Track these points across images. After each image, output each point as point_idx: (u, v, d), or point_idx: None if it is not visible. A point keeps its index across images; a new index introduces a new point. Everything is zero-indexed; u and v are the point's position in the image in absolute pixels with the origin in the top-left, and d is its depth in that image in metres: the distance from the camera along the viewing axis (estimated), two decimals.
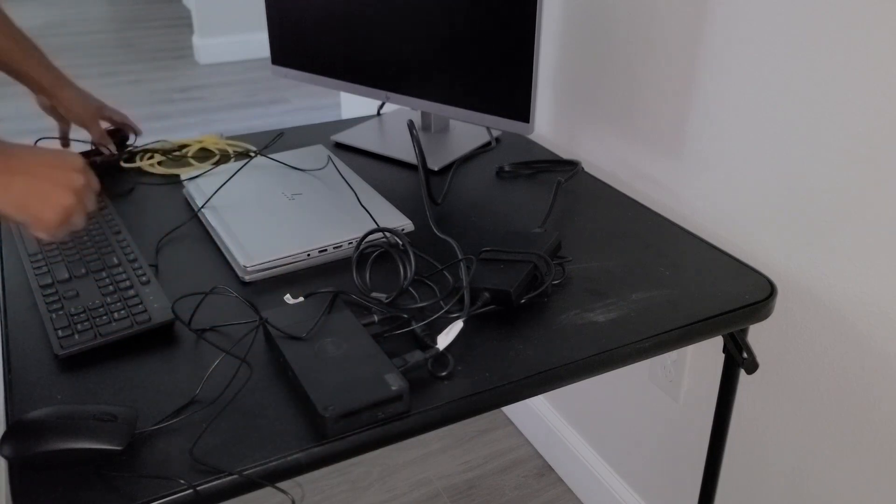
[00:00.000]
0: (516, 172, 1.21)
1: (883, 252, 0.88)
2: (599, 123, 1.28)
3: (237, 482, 0.63)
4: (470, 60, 1.14)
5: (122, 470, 0.63)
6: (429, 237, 0.99)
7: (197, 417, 0.68)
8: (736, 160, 1.04)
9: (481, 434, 1.76)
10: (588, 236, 1.01)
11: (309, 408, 0.68)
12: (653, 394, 1.30)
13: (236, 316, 0.83)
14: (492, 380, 0.74)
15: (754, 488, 1.14)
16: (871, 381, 0.92)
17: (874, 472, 0.95)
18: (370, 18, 1.22)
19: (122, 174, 1.18)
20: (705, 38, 1.04)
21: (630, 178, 1.24)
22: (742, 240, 1.05)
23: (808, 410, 1.02)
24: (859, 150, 0.88)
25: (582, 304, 0.86)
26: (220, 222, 0.98)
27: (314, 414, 0.67)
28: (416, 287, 0.88)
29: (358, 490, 1.60)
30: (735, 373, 0.98)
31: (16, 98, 3.76)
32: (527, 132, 1.12)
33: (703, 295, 0.89)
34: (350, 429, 0.67)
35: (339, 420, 0.66)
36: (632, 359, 0.81)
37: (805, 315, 0.99)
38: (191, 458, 0.64)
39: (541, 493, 1.60)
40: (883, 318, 0.89)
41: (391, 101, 1.26)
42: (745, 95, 1.00)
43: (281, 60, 1.37)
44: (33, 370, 0.74)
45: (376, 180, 1.17)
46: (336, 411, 0.65)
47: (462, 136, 1.33)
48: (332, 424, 0.66)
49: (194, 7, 4.39)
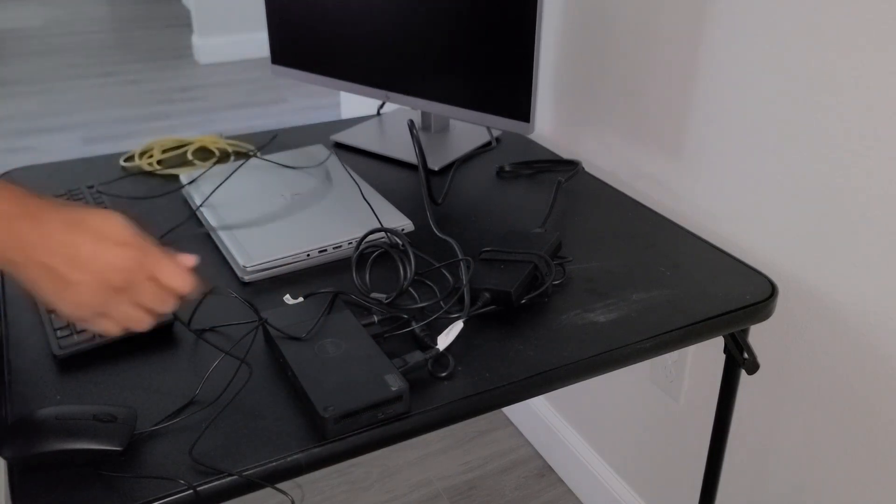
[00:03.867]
0: (516, 172, 1.20)
1: (884, 252, 0.87)
2: (600, 123, 1.28)
3: (237, 483, 0.63)
4: (470, 60, 1.14)
5: (122, 470, 0.63)
6: (429, 237, 0.99)
7: (196, 418, 0.68)
8: (737, 160, 1.04)
9: (481, 435, 1.75)
10: (588, 236, 1.01)
11: (309, 408, 0.68)
12: (653, 394, 1.30)
13: (236, 316, 0.82)
14: (492, 380, 0.74)
15: (755, 489, 1.13)
16: (872, 381, 0.92)
17: (875, 471, 0.95)
18: (370, 18, 1.22)
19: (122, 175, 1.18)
20: (706, 37, 1.04)
21: (630, 177, 1.24)
22: (743, 240, 1.05)
23: (808, 411, 1.01)
24: (861, 149, 0.87)
25: (582, 305, 0.86)
26: (220, 222, 0.98)
27: (314, 414, 0.67)
28: (415, 287, 0.88)
29: (358, 491, 1.60)
30: (736, 373, 0.98)
31: (16, 98, 3.76)
32: (527, 132, 1.12)
33: (703, 295, 0.88)
34: (350, 429, 0.67)
35: (339, 420, 0.66)
36: (632, 359, 0.81)
37: (806, 315, 0.98)
38: (190, 458, 0.64)
39: (541, 493, 1.60)
40: (884, 319, 0.89)
41: (391, 100, 1.26)
42: (745, 95, 1.00)
43: (280, 60, 1.37)
44: (32, 370, 0.74)
45: (376, 180, 1.17)
46: (336, 412, 0.65)
47: (462, 136, 1.32)
48: (331, 425, 0.65)
49: (194, 7, 4.38)
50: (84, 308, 0.56)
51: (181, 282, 0.61)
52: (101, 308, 0.57)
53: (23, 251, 0.54)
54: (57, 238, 0.55)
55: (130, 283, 0.57)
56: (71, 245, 0.55)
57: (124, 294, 0.57)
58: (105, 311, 0.58)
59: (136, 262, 0.57)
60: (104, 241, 0.56)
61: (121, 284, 0.57)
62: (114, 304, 0.57)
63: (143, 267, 0.58)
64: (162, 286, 0.59)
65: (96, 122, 3.51)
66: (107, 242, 0.56)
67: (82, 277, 0.55)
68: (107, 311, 0.58)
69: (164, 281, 0.59)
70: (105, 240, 0.56)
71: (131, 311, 0.59)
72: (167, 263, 0.60)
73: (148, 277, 0.58)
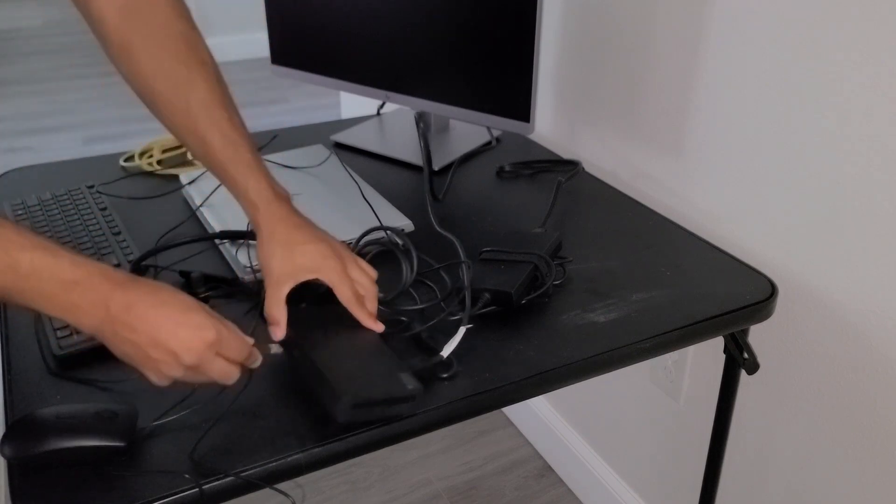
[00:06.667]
0: (517, 172, 1.20)
1: (884, 252, 0.87)
2: (600, 123, 1.28)
3: (236, 483, 0.63)
4: (470, 60, 1.14)
5: (123, 469, 0.63)
6: (428, 237, 0.99)
7: (197, 416, 0.68)
8: (737, 160, 1.03)
9: (482, 435, 1.75)
10: (588, 236, 1.01)
11: (324, 393, 0.67)
12: (653, 394, 1.30)
13: (237, 314, 0.82)
14: (492, 380, 0.74)
15: (755, 489, 1.13)
16: (872, 381, 0.92)
17: (874, 470, 0.95)
18: (370, 18, 1.22)
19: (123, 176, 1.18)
20: (705, 37, 1.04)
21: (630, 177, 1.23)
22: (743, 240, 1.05)
23: (808, 411, 1.01)
24: (861, 149, 0.87)
25: (582, 305, 0.86)
26: (220, 222, 0.98)
27: (330, 397, 0.65)
28: (414, 287, 0.88)
29: (358, 491, 1.60)
30: (736, 373, 0.98)
31: (16, 98, 3.76)
32: (527, 132, 1.12)
33: (703, 295, 0.88)
34: (361, 419, 0.66)
35: (355, 407, 0.65)
36: (632, 359, 0.81)
37: (806, 315, 0.98)
38: (190, 461, 0.64)
39: (541, 493, 1.60)
40: (884, 319, 0.89)
41: (391, 100, 1.26)
42: (745, 95, 1.00)
43: (281, 60, 1.37)
44: (33, 370, 0.74)
45: (376, 180, 1.17)
46: (355, 397, 0.65)
47: (462, 135, 1.32)
48: (347, 409, 0.64)
49: (194, 7, 4.37)
50: (164, 379, 0.64)
51: (245, 359, 0.68)
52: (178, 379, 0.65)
53: (111, 327, 0.62)
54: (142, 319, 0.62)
55: (202, 362, 0.64)
56: (154, 326, 0.62)
57: (196, 370, 0.64)
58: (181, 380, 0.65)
59: (206, 344, 0.64)
60: (182, 325, 0.63)
61: (193, 363, 0.64)
62: (188, 377, 0.65)
63: (213, 348, 0.64)
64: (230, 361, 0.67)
65: (96, 122, 3.51)
66: (184, 326, 0.63)
67: (160, 356, 0.63)
68: (184, 380, 0.65)
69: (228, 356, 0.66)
70: (182, 324, 0.63)
71: (203, 380, 0.66)
72: (235, 345, 0.67)
73: (217, 355, 0.65)
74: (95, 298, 0.61)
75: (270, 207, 0.77)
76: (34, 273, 0.59)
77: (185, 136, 0.79)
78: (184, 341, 0.63)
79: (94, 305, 0.61)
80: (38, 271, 0.59)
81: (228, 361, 0.66)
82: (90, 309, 0.61)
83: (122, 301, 0.62)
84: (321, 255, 0.76)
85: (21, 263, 0.59)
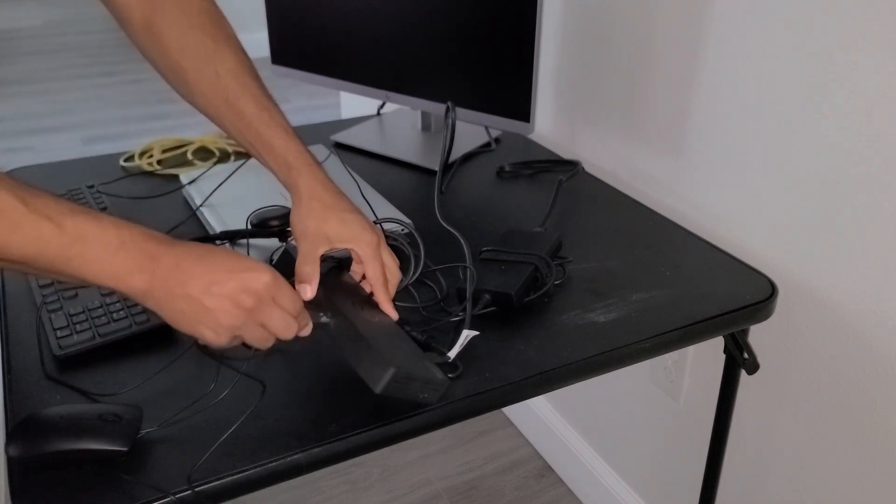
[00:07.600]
0: (517, 172, 1.20)
1: (884, 252, 0.87)
2: (600, 123, 1.28)
3: (237, 483, 0.63)
4: (470, 60, 1.14)
5: (123, 470, 0.63)
6: (429, 236, 0.99)
7: (199, 419, 0.68)
8: (737, 160, 1.03)
9: (482, 435, 1.75)
10: (588, 236, 1.01)
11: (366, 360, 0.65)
12: (653, 394, 1.30)
13: None
14: (492, 380, 0.74)
15: (755, 489, 1.13)
16: (872, 381, 0.92)
17: (874, 470, 0.95)
18: (370, 18, 1.22)
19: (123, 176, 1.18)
20: (705, 37, 1.04)
21: (630, 177, 1.24)
22: (743, 240, 1.05)
23: (808, 411, 1.01)
24: (861, 149, 0.87)
25: (582, 305, 0.86)
26: (220, 222, 0.98)
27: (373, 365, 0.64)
28: (413, 285, 0.87)
29: (358, 491, 1.60)
30: (736, 373, 0.98)
31: (16, 98, 3.76)
32: (527, 132, 1.12)
33: (703, 295, 0.88)
34: (397, 394, 0.66)
35: (395, 380, 0.64)
36: (632, 359, 0.81)
37: (806, 316, 0.98)
38: (190, 463, 0.64)
39: (541, 493, 1.60)
40: (884, 319, 0.89)
41: (391, 100, 1.26)
42: (745, 95, 1.00)
43: (281, 60, 1.37)
44: (33, 370, 0.74)
45: (376, 180, 1.17)
46: (399, 369, 0.64)
47: (462, 135, 1.32)
48: (388, 380, 0.63)
49: None
50: (222, 332, 0.62)
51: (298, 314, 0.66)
52: (236, 331, 0.63)
53: (165, 287, 0.60)
54: (193, 270, 0.61)
55: (261, 303, 0.62)
56: (207, 273, 0.61)
57: (255, 315, 0.63)
58: (240, 334, 0.64)
59: (264, 284, 0.63)
60: (236, 269, 0.62)
61: (252, 305, 0.62)
62: (247, 327, 0.63)
63: (270, 290, 0.63)
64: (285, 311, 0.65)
65: (96, 122, 3.51)
66: (238, 270, 0.62)
67: (217, 304, 0.61)
68: (242, 333, 0.63)
69: (284, 305, 0.64)
70: (236, 268, 0.62)
71: (261, 333, 0.64)
72: (289, 294, 0.65)
73: (273, 299, 0.63)
74: (143, 258, 0.60)
75: (311, 170, 0.77)
76: (80, 238, 0.58)
77: (216, 106, 0.78)
78: (240, 281, 0.62)
79: (142, 266, 0.60)
80: (84, 236, 0.58)
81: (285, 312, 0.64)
82: (138, 270, 0.60)
83: (170, 257, 0.61)
84: (360, 227, 0.74)
85: (67, 229, 0.57)
